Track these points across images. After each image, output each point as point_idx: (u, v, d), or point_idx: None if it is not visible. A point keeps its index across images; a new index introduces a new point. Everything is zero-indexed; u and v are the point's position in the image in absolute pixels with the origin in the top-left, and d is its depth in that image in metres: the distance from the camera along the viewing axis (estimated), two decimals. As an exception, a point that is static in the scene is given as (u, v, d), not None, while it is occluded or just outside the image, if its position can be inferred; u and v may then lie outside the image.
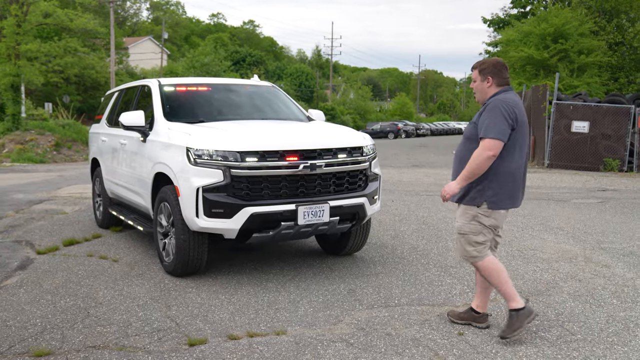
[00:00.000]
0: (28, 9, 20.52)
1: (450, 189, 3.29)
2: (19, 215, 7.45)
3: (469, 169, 3.20)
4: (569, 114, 14.42)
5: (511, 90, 3.34)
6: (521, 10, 27.53)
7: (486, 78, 3.33)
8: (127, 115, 5.01)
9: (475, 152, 3.19)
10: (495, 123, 3.16)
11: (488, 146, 3.15)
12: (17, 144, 17.63)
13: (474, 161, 3.18)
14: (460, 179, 3.25)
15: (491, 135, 3.15)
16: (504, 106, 3.19)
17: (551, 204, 8.65)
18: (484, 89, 3.35)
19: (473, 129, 3.31)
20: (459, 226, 3.38)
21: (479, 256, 3.34)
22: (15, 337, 3.39)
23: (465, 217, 3.34)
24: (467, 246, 3.36)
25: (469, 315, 3.59)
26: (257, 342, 3.31)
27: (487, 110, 3.23)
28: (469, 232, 3.34)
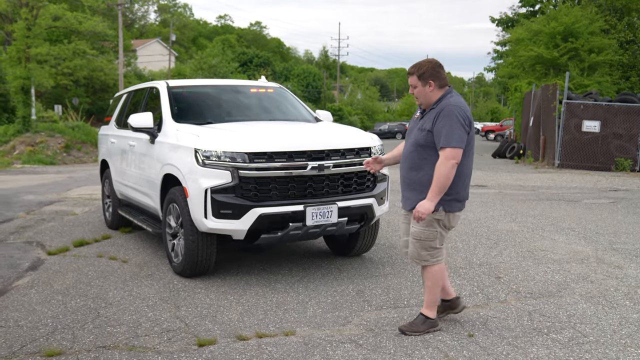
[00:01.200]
0: (38, 12, 20.76)
1: (424, 208, 3.20)
2: (30, 217, 7.52)
3: (438, 183, 3.17)
4: (580, 113, 14.30)
5: (454, 91, 3.34)
6: (530, 9, 27.34)
7: (427, 82, 3.28)
8: (135, 117, 5.04)
9: (440, 165, 3.16)
10: (454, 131, 3.14)
11: (451, 155, 3.15)
12: (27, 146, 17.80)
13: (441, 174, 3.15)
14: (432, 195, 3.19)
15: (453, 145, 3.14)
16: (459, 112, 3.17)
17: (562, 205, 8.57)
18: (427, 93, 3.30)
19: (427, 136, 3.24)
20: (416, 232, 3.36)
21: (432, 261, 3.39)
22: (27, 337, 3.42)
23: (422, 224, 3.33)
24: (422, 251, 3.38)
25: (442, 307, 3.63)
26: (266, 343, 3.31)
27: (442, 117, 3.18)
28: (425, 239, 3.35)
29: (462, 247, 5.68)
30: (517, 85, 22.16)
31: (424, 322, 3.44)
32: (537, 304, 3.99)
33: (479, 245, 5.78)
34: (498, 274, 4.73)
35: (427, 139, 3.24)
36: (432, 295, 3.45)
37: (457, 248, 5.65)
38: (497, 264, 5.07)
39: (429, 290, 3.45)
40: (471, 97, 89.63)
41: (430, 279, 3.42)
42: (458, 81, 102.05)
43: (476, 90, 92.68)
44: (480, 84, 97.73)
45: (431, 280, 3.42)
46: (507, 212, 7.82)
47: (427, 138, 3.25)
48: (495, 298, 4.12)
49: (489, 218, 7.36)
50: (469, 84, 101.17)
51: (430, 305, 3.45)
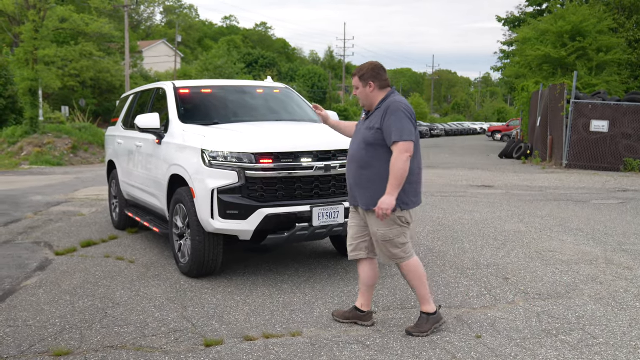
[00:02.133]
0: (45, 14, 20.88)
1: (386, 204, 3.21)
2: (38, 217, 7.56)
3: (396, 176, 3.21)
4: (588, 113, 14.20)
5: (396, 91, 3.44)
6: (537, 8, 27.19)
7: (368, 83, 3.38)
8: (142, 117, 5.05)
9: (395, 159, 3.21)
10: (403, 125, 3.24)
11: (405, 148, 3.22)
12: (35, 147, 17.92)
13: (397, 167, 3.20)
14: (391, 189, 3.22)
15: (405, 138, 3.22)
16: (404, 107, 3.28)
17: (570, 205, 8.51)
18: (368, 94, 3.40)
19: (376, 134, 3.29)
20: (383, 234, 3.36)
21: (405, 256, 3.41)
22: (36, 336, 3.44)
23: (385, 224, 3.34)
24: (393, 249, 3.40)
25: (353, 314, 3.63)
26: (273, 344, 3.30)
27: (389, 114, 3.26)
28: (394, 237, 3.37)
29: (469, 248, 5.65)
30: (524, 85, 22.04)
31: (427, 320, 3.44)
32: (545, 305, 3.96)
33: (486, 246, 5.75)
34: (506, 275, 4.70)
35: (377, 137, 3.30)
36: (422, 290, 3.45)
37: (465, 249, 5.62)
38: (504, 265, 5.04)
39: (416, 287, 3.45)
40: (477, 97, 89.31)
41: (410, 275, 3.44)
42: (464, 81, 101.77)
43: (482, 90, 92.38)
44: (487, 84, 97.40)
45: (413, 275, 3.43)
46: (514, 213, 7.77)
47: (376, 136, 3.30)
48: (503, 299, 4.09)
49: (496, 219, 7.32)
50: (475, 84, 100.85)
51: (425, 300, 3.45)
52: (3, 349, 3.26)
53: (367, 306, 3.62)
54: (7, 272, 4.84)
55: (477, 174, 13.54)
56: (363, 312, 3.61)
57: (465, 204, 8.62)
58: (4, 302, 4.07)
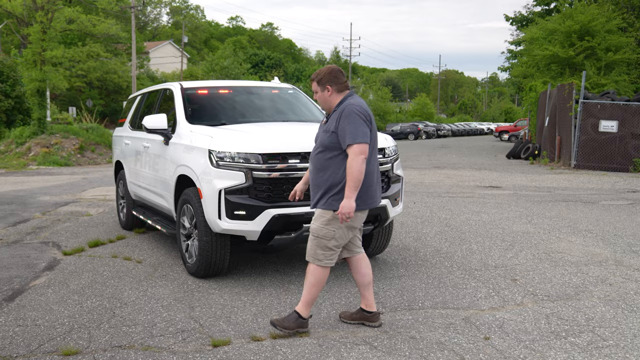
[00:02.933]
0: (53, 15, 21.04)
1: (346, 207, 3.22)
2: (46, 217, 7.61)
3: (353, 178, 3.21)
4: (597, 113, 14.09)
5: (355, 94, 3.46)
6: (545, 8, 27.03)
7: (325, 87, 3.41)
8: (150, 118, 5.07)
9: (351, 161, 3.22)
10: (357, 127, 3.24)
11: (359, 151, 3.22)
12: (42, 148, 18.05)
13: (353, 170, 3.20)
14: (349, 191, 3.23)
15: (359, 140, 3.23)
16: (358, 109, 3.29)
17: (579, 206, 8.45)
18: (326, 98, 3.43)
19: (332, 137, 3.32)
20: (315, 229, 3.39)
21: (324, 261, 3.40)
22: (45, 336, 3.46)
23: (321, 221, 3.36)
24: (318, 249, 3.39)
25: (360, 315, 3.62)
26: (280, 344, 3.30)
27: (343, 117, 3.28)
28: (322, 237, 3.37)
29: (477, 249, 5.62)
30: (532, 85, 21.90)
31: (296, 319, 3.43)
32: (554, 306, 3.93)
33: (494, 247, 5.71)
34: (514, 276, 4.67)
35: (332, 140, 3.32)
36: (310, 294, 3.44)
37: (472, 250, 5.59)
38: (513, 266, 5.00)
39: (308, 289, 3.44)
40: (484, 97, 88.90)
41: (313, 277, 3.42)
42: (471, 81, 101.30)
43: (490, 90, 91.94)
44: (494, 84, 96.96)
45: (314, 279, 3.42)
46: (522, 214, 7.72)
47: (331, 139, 3.32)
48: (512, 300, 4.06)
49: (504, 219, 7.28)
50: (482, 84, 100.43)
51: (306, 304, 3.44)
52: (13, 348, 3.28)
53: (371, 306, 3.60)
54: (15, 271, 4.87)
55: (484, 175, 13.47)
56: (370, 313, 3.60)
57: (472, 204, 8.58)
58: (13, 301, 4.09)
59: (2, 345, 3.31)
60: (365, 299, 3.60)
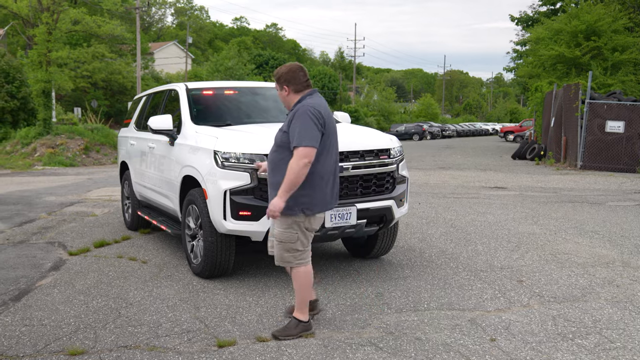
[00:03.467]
0: (58, 16, 21.11)
1: (275, 206, 3.21)
2: (51, 217, 7.64)
3: (288, 180, 3.17)
4: (603, 113, 14.01)
5: (316, 93, 3.37)
6: (551, 8, 26.90)
7: (283, 87, 3.38)
8: (155, 119, 5.08)
9: (292, 163, 3.17)
10: (306, 130, 3.16)
11: (303, 154, 3.15)
12: (48, 148, 18.13)
13: (292, 172, 3.16)
14: (282, 192, 3.19)
15: (304, 144, 3.15)
16: (311, 111, 3.20)
17: (585, 207, 8.40)
18: (285, 97, 3.40)
19: (284, 136, 3.29)
20: (277, 234, 3.39)
21: (294, 262, 3.40)
22: (51, 335, 3.47)
23: (282, 225, 3.35)
24: (284, 253, 3.39)
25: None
26: (286, 345, 3.29)
27: (296, 118, 3.21)
28: (286, 241, 3.36)
29: (482, 250, 5.60)
30: (538, 85, 21.78)
31: (296, 325, 3.44)
32: (561, 308, 3.91)
33: (499, 248, 5.69)
34: (520, 278, 4.65)
35: (283, 140, 3.30)
36: (300, 298, 3.45)
37: (477, 251, 5.57)
38: (519, 267, 4.98)
39: (297, 293, 3.46)
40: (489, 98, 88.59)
41: (296, 281, 3.43)
42: (476, 81, 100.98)
43: (495, 91, 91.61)
44: (499, 84, 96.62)
45: (298, 282, 3.43)
46: (528, 215, 7.68)
47: (283, 139, 3.31)
48: (518, 302, 4.04)
49: (510, 220, 7.25)
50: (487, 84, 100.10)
51: (301, 307, 3.45)
52: (19, 347, 3.29)
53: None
54: (22, 271, 4.90)
55: (489, 175, 13.42)
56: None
57: (478, 205, 8.55)
58: (19, 301, 4.11)
59: (9, 345, 3.32)
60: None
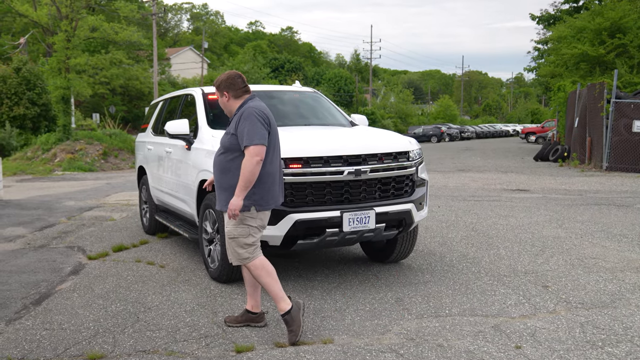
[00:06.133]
0: (77, 24, 21.48)
1: (234, 205, 3.32)
2: (71, 222, 7.73)
3: (244, 178, 3.30)
4: (630, 113, 13.65)
5: (256, 97, 3.55)
6: (573, 5, 26.38)
7: (223, 93, 3.52)
8: (172, 123, 5.08)
9: (245, 162, 3.31)
10: (255, 130, 3.33)
11: (255, 152, 3.31)
12: (67, 154, 18.42)
13: (246, 170, 3.29)
14: (239, 190, 3.32)
15: (255, 142, 3.31)
16: (257, 112, 3.38)
17: (612, 210, 8.17)
18: (225, 103, 3.54)
19: (232, 139, 3.41)
20: (228, 231, 3.45)
21: (250, 257, 3.46)
22: (70, 339, 3.48)
23: (232, 222, 3.43)
24: (238, 249, 3.45)
25: (245, 317, 3.66)
26: (304, 351, 3.24)
27: (242, 120, 3.36)
28: (238, 236, 3.43)
29: (505, 255, 5.46)
30: (561, 84, 21.36)
31: (290, 317, 3.40)
32: (589, 314, 3.77)
33: (523, 253, 5.54)
34: (545, 283, 4.51)
35: (232, 142, 3.41)
36: (272, 287, 3.44)
37: (500, 255, 5.44)
38: (544, 272, 4.84)
39: (267, 285, 3.45)
40: (510, 98, 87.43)
41: (259, 273, 3.45)
42: (495, 82, 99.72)
43: (515, 91, 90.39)
44: (520, 85, 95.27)
45: (261, 275, 3.44)
46: (552, 218, 7.49)
47: (231, 141, 3.41)
48: (544, 308, 3.92)
49: (533, 224, 7.08)
50: (507, 85, 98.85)
51: (279, 298, 3.43)
52: (40, 351, 3.31)
53: (257, 307, 3.66)
54: (42, 275, 4.94)
55: (511, 178, 13.19)
56: (255, 314, 3.66)
57: (499, 208, 8.38)
58: (40, 305, 4.14)
59: (30, 349, 3.34)
60: (252, 299, 3.66)
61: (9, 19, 34.38)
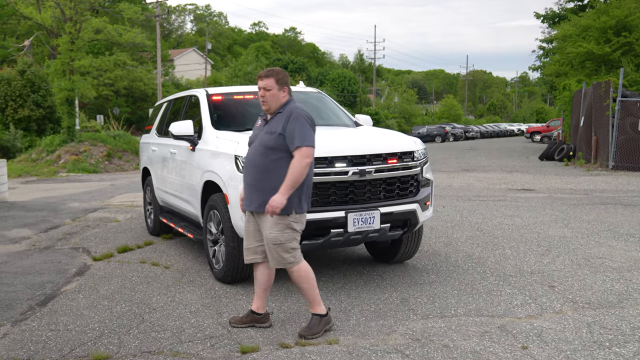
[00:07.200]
0: (81, 26, 21.58)
1: (278, 202, 3.31)
2: (76, 223, 7.75)
3: (293, 178, 3.30)
4: (636, 111, 13.56)
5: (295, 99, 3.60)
6: (578, 4, 26.23)
7: (283, 88, 3.49)
8: (176, 124, 5.09)
9: (295, 162, 3.31)
10: (306, 131, 3.36)
11: (306, 154, 3.34)
12: (72, 155, 18.48)
13: (296, 171, 3.30)
14: (285, 189, 3.31)
15: (307, 143, 3.34)
16: (305, 114, 3.41)
17: (619, 209, 8.11)
18: (280, 98, 3.49)
19: (278, 139, 3.38)
20: (274, 237, 3.42)
21: (294, 261, 3.47)
22: (76, 340, 3.49)
23: (278, 227, 3.41)
24: (284, 254, 3.45)
25: (250, 318, 3.66)
26: (309, 352, 3.23)
27: (292, 120, 3.37)
28: (285, 242, 3.43)
29: (510, 255, 5.44)
30: (566, 83, 21.23)
31: (319, 321, 3.49)
32: (596, 315, 3.74)
33: (529, 252, 5.51)
34: (552, 283, 4.48)
35: (278, 142, 3.38)
36: (312, 292, 3.51)
37: (506, 255, 5.41)
38: (550, 272, 4.81)
39: (306, 291, 3.51)
40: (514, 97, 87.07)
41: (301, 281, 3.49)
42: (500, 81, 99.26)
43: (520, 90, 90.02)
44: (524, 84, 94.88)
45: (303, 282, 3.49)
46: (558, 217, 7.45)
47: (277, 141, 3.38)
48: (550, 308, 3.89)
49: (539, 223, 7.04)
50: (511, 84, 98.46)
51: (316, 302, 3.52)
52: (46, 352, 3.32)
53: (263, 308, 3.68)
54: (47, 277, 4.95)
55: (516, 177, 13.13)
56: (260, 315, 3.66)
57: (505, 208, 8.34)
58: (45, 306, 4.15)
59: (35, 350, 3.35)
60: (259, 301, 3.66)
61: (14, 22, 34.59)
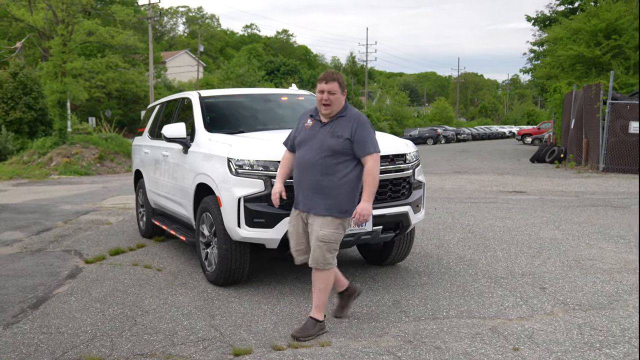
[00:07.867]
0: (73, 28, 21.42)
1: (367, 210, 3.37)
2: (68, 226, 7.70)
3: (374, 185, 3.39)
4: (626, 114, 13.70)
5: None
6: (569, 7, 26.52)
7: (343, 91, 3.55)
8: (169, 127, 5.09)
9: (372, 168, 3.39)
10: (374, 137, 3.48)
11: (377, 159, 3.44)
12: (63, 157, 18.35)
13: (373, 176, 3.39)
14: (369, 197, 3.39)
15: (378, 150, 3.45)
16: (368, 120, 3.52)
17: (609, 211, 8.20)
18: (342, 101, 3.53)
19: (345, 143, 3.41)
20: (325, 235, 3.45)
21: (333, 263, 3.54)
22: (68, 343, 3.47)
23: (332, 226, 3.47)
24: (327, 254, 3.49)
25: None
26: (302, 354, 3.23)
27: (360, 126, 3.43)
28: (334, 241, 3.49)
29: (502, 256, 5.48)
30: (557, 86, 21.44)
31: (314, 325, 3.52)
32: (587, 316, 3.78)
33: (520, 254, 5.56)
34: (543, 285, 4.52)
35: (345, 147, 3.41)
36: (322, 299, 3.56)
37: (497, 257, 5.45)
38: (541, 273, 4.85)
39: (320, 293, 3.55)
40: (506, 100, 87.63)
41: (324, 282, 3.54)
42: (491, 84, 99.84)
43: (511, 93, 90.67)
44: (515, 86, 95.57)
45: (325, 283, 3.55)
46: (549, 219, 7.51)
47: (344, 145, 3.41)
48: (541, 310, 3.93)
49: (530, 225, 7.09)
50: (503, 87, 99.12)
51: (321, 308, 3.56)
52: (38, 355, 3.30)
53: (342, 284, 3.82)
54: (39, 279, 4.92)
55: (507, 179, 13.22)
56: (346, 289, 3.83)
57: (496, 210, 8.40)
58: (37, 309, 4.13)
59: (27, 353, 3.33)
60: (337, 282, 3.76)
61: (5, 24, 34.29)
